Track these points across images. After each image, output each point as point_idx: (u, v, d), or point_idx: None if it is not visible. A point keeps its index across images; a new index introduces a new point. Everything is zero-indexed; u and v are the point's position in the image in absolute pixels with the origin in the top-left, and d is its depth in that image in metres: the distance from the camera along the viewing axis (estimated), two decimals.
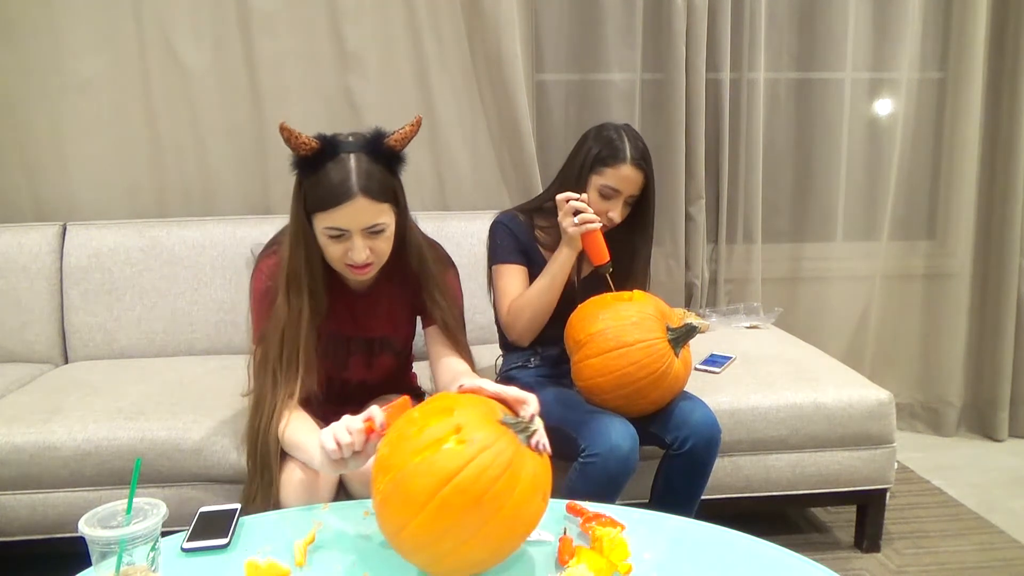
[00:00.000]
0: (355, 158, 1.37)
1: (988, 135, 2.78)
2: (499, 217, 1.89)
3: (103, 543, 0.94)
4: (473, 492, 0.95)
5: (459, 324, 1.62)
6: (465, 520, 0.96)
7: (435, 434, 0.99)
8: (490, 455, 0.97)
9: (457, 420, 1.01)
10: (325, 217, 1.38)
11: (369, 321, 1.60)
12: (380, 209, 1.39)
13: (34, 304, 2.32)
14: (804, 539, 2.19)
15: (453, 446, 0.98)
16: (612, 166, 1.75)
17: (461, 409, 1.03)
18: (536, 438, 1.05)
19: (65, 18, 2.38)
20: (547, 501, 1.06)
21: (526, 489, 0.99)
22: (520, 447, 1.02)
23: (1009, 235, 2.77)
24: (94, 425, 1.82)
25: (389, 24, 2.48)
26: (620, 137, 1.76)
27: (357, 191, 1.36)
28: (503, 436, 1.01)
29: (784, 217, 2.88)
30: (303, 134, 1.35)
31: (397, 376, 1.75)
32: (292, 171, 1.40)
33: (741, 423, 1.95)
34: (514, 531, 1.02)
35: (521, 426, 1.06)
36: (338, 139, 1.39)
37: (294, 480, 1.39)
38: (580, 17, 2.63)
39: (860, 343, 2.89)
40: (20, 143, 2.43)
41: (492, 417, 1.04)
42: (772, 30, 2.69)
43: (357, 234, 1.39)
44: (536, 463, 1.03)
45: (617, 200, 1.77)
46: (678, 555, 1.13)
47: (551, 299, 1.77)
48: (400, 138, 1.42)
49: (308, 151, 1.36)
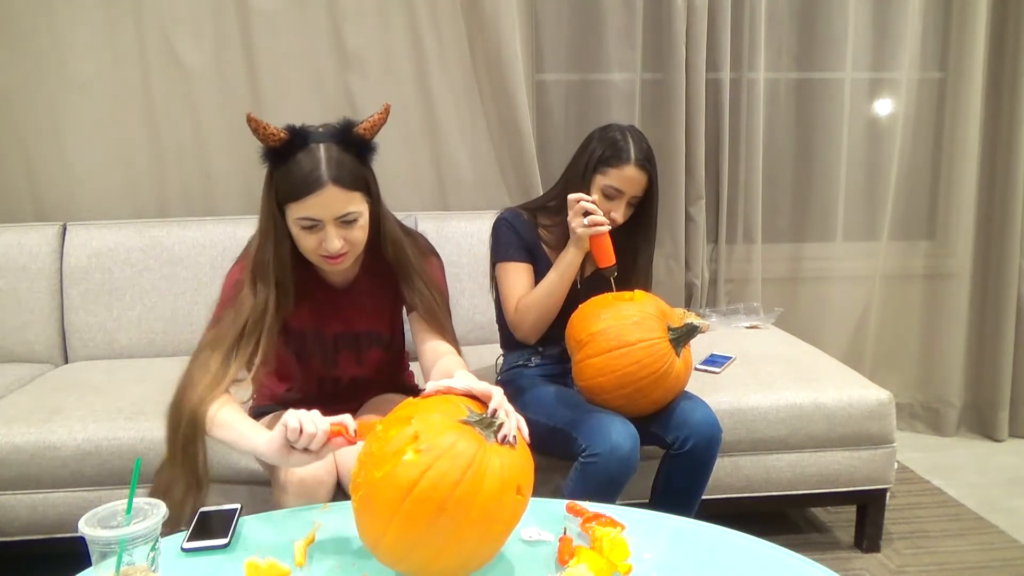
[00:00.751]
0: (325, 148, 1.37)
1: (988, 135, 2.78)
2: (502, 214, 1.88)
3: (103, 543, 0.94)
4: (435, 500, 0.94)
5: (441, 309, 1.58)
6: (434, 529, 0.95)
7: (394, 446, 0.99)
8: (447, 460, 0.96)
9: (415, 428, 0.99)
10: (297, 207, 1.37)
11: (353, 316, 1.59)
12: (351, 198, 1.39)
13: (34, 304, 2.32)
14: (804, 539, 2.19)
15: (411, 456, 0.96)
16: (616, 167, 1.75)
17: (419, 416, 1.02)
18: (503, 432, 1.02)
19: (65, 18, 2.38)
20: (527, 493, 1.03)
21: (494, 486, 0.97)
22: (484, 445, 1.00)
23: (1009, 235, 2.77)
24: (94, 425, 1.82)
25: (389, 24, 2.48)
26: (625, 138, 1.77)
27: (328, 180, 1.35)
28: (463, 437, 0.99)
29: (784, 217, 2.88)
30: (271, 125, 1.35)
31: (391, 373, 1.75)
32: (262, 163, 1.40)
33: (741, 423, 1.95)
34: (490, 530, 1.00)
35: (485, 422, 1.03)
36: (308, 129, 1.39)
37: (293, 481, 1.40)
38: (580, 17, 2.63)
39: (860, 343, 2.89)
40: (20, 143, 2.44)
41: (452, 419, 1.02)
42: (772, 30, 2.69)
43: (330, 223, 1.38)
44: (506, 457, 1.00)
45: (620, 201, 1.78)
46: (678, 555, 1.13)
47: (558, 298, 1.78)
48: (370, 126, 1.40)
49: (277, 142, 1.36)
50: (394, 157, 2.55)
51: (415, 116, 2.55)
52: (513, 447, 1.03)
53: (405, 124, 2.54)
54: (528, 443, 1.08)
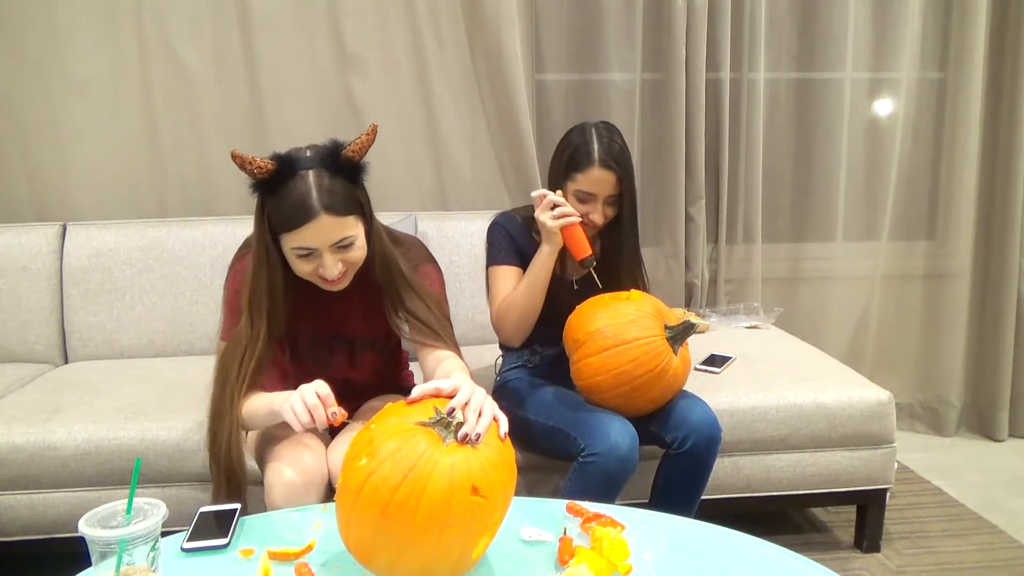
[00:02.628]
0: (314, 175, 1.36)
1: (988, 135, 2.78)
2: (496, 219, 1.89)
3: (103, 543, 0.94)
4: (376, 503, 0.95)
5: (438, 318, 1.56)
6: (382, 532, 0.96)
7: (352, 452, 1.02)
8: (390, 463, 0.96)
9: (372, 434, 1.01)
10: (291, 238, 1.37)
11: (346, 320, 1.59)
12: (345, 223, 1.39)
13: (34, 304, 2.32)
14: (804, 539, 2.19)
15: (364, 462, 0.98)
16: (582, 170, 1.73)
17: (380, 421, 1.04)
18: (463, 431, 1.01)
19: (65, 18, 2.38)
20: (491, 493, 0.99)
21: (440, 489, 0.95)
22: (437, 446, 0.99)
23: (1009, 235, 2.77)
24: (94, 425, 1.82)
25: (389, 24, 2.48)
26: (589, 139, 1.74)
27: (320, 210, 1.34)
28: (412, 439, 0.99)
29: (784, 217, 2.88)
30: (256, 158, 1.34)
31: (388, 375, 1.75)
32: (252, 194, 1.39)
33: (741, 423, 1.95)
34: (444, 533, 0.96)
35: (444, 422, 1.03)
36: (294, 156, 1.38)
37: (282, 482, 1.39)
38: (580, 17, 2.63)
39: (860, 343, 2.89)
40: (20, 143, 2.44)
41: (411, 421, 1.02)
42: (772, 30, 2.69)
43: (326, 251, 1.39)
44: (459, 457, 0.99)
45: (594, 203, 1.76)
46: (678, 555, 1.13)
47: (537, 298, 1.75)
48: (358, 148, 1.39)
49: (265, 174, 1.35)
50: (394, 157, 2.55)
51: (415, 116, 2.55)
52: (475, 446, 1.01)
53: (405, 124, 2.55)
54: (503, 439, 1.06)
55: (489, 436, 1.04)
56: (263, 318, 1.45)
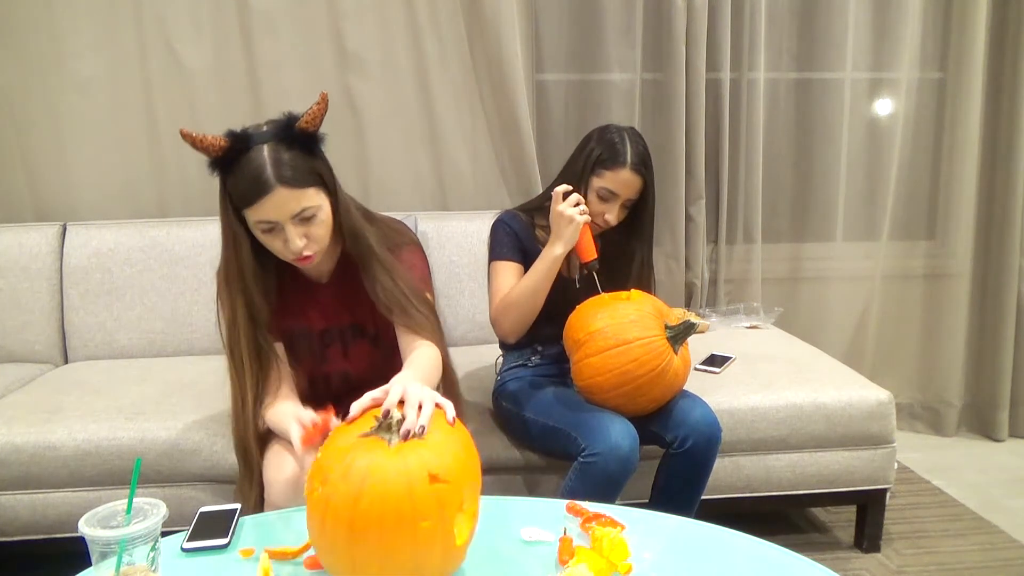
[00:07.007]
0: (268, 148, 1.36)
1: (988, 135, 2.78)
2: (500, 216, 1.89)
3: (103, 543, 0.94)
4: (343, 521, 0.95)
5: (410, 300, 1.51)
6: (358, 547, 0.96)
7: (309, 486, 1.02)
8: (343, 483, 0.96)
9: (320, 461, 1.02)
10: (252, 212, 1.38)
11: (335, 310, 1.59)
12: (303, 195, 1.38)
13: (34, 304, 2.32)
14: (804, 539, 2.19)
15: (321, 490, 0.99)
16: (611, 169, 1.75)
17: (327, 448, 1.05)
18: (404, 427, 1.01)
19: (65, 18, 2.38)
20: (450, 476, 0.98)
21: (398, 486, 0.95)
22: (384, 450, 0.99)
23: (1009, 235, 2.77)
24: (94, 425, 1.82)
25: (389, 24, 2.48)
26: (622, 140, 1.76)
27: (275, 182, 1.35)
28: (357, 453, 0.99)
29: (784, 217, 2.88)
30: (208, 135, 1.34)
31: (384, 367, 1.73)
32: (211, 174, 1.39)
33: (741, 423, 1.95)
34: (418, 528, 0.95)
35: (385, 427, 1.02)
36: (249, 132, 1.38)
37: (280, 480, 1.39)
38: (580, 17, 2.63)
39: (860, 343, 2.89)
40: (20, 143, 2.44)
41: (353, 438, 1.02)
42: (772, 30, 2.69)
43: (288, 223, 1.38)
44: (409, 452, 0.98)
45: (614, 203, 1.77)
46: (678, 555, 1.13)
47: (539, 295, 1.74)
48: (310, 119, 1.38)
49: (218, 151, 1.35)
50: (394, 157, 2.55)
51: (415, 116, 2.55)
52: (420, 438, 1.01)
53: (405, 124, 2.55)
54: (452, 423, 1.06)
55: (436, 424, 1.04)
56: (237, 299, 1.46)
